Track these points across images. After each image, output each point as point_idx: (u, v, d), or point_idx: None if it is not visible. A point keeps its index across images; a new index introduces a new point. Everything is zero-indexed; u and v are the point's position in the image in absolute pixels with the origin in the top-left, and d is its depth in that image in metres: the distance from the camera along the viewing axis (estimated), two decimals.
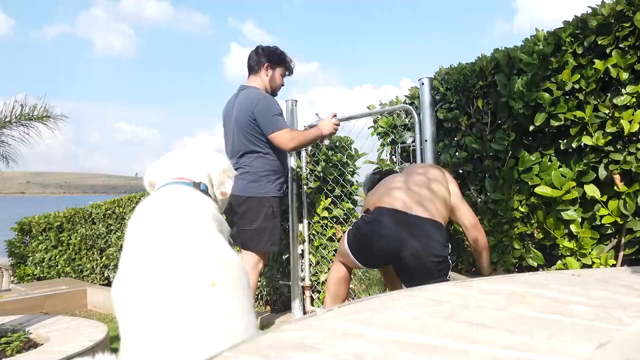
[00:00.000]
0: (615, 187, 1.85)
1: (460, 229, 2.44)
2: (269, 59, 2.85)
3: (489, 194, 2.30)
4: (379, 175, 2.47)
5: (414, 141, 2.63)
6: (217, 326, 0.96)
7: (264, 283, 3.77)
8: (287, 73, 3.00)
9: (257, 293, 3.76)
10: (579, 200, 1.97)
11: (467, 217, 2.13)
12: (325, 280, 3.27)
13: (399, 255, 1.90)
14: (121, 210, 5.53)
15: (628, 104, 1.81)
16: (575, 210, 1.97)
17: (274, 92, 2.93)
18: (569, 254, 1.98)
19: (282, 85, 2.97)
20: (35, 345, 2.31)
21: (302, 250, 3.29)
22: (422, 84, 2.56)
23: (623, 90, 1.82)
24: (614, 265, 1.89)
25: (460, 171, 2.49)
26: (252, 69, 2.87)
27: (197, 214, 1.24)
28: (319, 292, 3.32)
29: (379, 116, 2.99)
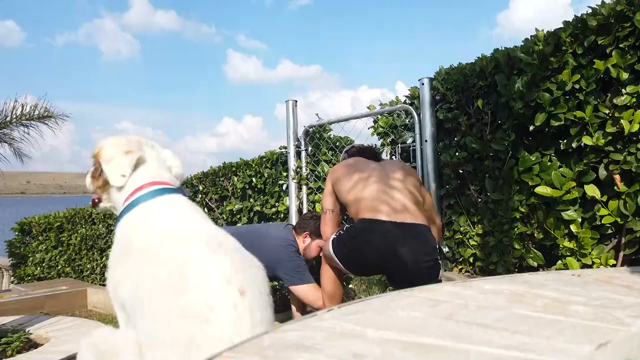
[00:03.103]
0: (615, 187, 1.85)
1: (460, 229, 2.44)
2: (311, 229, 2.67)
3: (489, 194, 2.30)
4: (352, 152, 2.51)
5: (414, 141, 2.63)
6: (243, 336, 0.94)
7: None
8: None
9: None
10: (579, 200, 1.97)
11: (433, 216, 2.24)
12: None
13: (389, 266, 1.90)
14: None
15: (628, 104, 1.81)
16: (575, 210, 1.96)
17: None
18: (569, 254, 1.98)
19: (315, 258, 2.72)
20: (35, 345, 2.31)
21: None
22: (422, 84, 2.56)
23: (623, 90, 1.82)
24: (614, 265, 1.89)
25: (461, 171, 2.49)
26: (296, 228, 2.75)
27: (209, 220, 1.24)
28: None
29: (379, 116, 2.99)
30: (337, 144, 3.30)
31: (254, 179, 3.77)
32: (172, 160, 1.49)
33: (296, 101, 3.32)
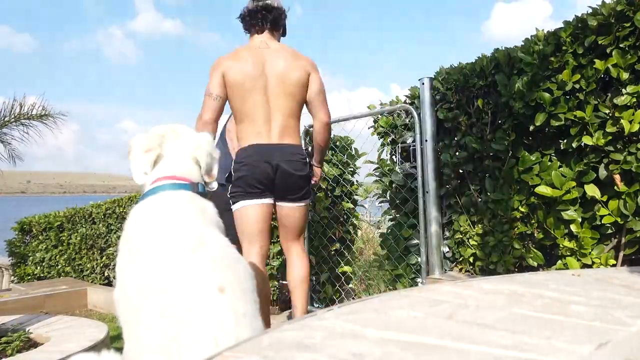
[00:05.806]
0: (615, 187, 1.85)
1: (460, 229, 2.44)
2: None
3: (489, 194, 2.29)
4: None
5: (414, 141, 2.63)
6: (226, 332, 0.96)
7: None
8: None
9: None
10: (579, 200, 1.96)
11: (320, 116, 2.31)
12: (325, 280, 3.28)
13: (273, 176, 2.18)
14: (121, 210, 5.53)
15: (628, 104, 1.80)
16: (575, 210, 1.96)
17: None
18: (569, 254, 1.98)
19: None
20: (35, 345, 2.31)
21: None
22: (423, 83, 2.56)
23: (623, 90, 1.82)
24: (614, 265, 1.89)
25: (461, 171, 2.49)
26: None
27: (202, 219, 1.24)
28: (319, 292, 3.32)
29: (379, 116, 2.99)
30: (337, 143, 3.30)
31: None
32: (198, 151, 1.47)
33: None
